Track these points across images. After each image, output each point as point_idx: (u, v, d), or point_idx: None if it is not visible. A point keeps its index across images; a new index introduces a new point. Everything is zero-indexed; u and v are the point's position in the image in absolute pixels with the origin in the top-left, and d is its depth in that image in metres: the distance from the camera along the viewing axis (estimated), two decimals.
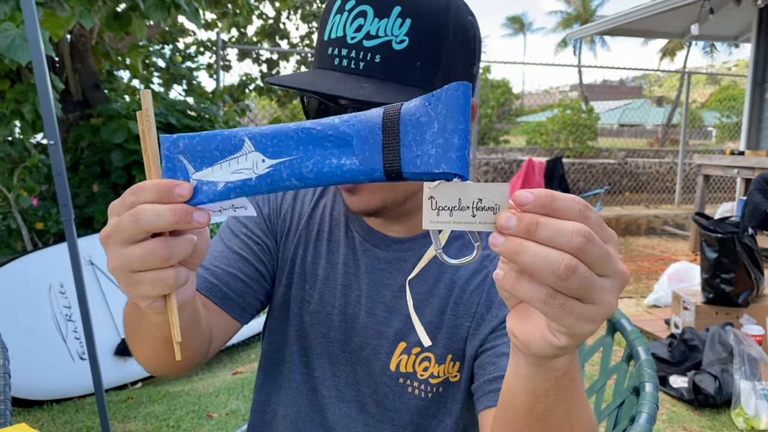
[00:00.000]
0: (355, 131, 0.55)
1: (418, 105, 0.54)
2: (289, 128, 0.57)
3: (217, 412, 3.14)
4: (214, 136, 0.58)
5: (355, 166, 0.55)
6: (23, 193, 3.86)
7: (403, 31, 0.78)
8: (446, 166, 0.51)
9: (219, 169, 0.58)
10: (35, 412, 3.16)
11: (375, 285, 0.97)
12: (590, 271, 0.48)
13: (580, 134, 14.47)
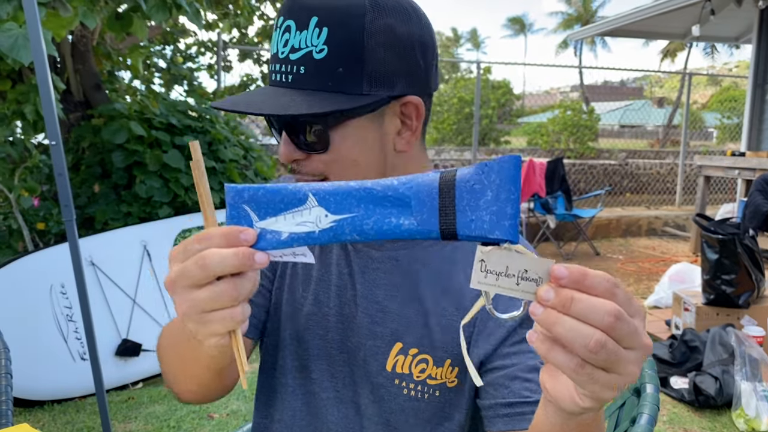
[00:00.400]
0: (413, 193, 0.60)
1: (471, 172, 0.58)
2: (351, 187, 0.62)
3: (218, 412, 3.15)
4: (279, 190, 0.63)
5: (413, 226, 0.60)
6: (24, 194, 3.86)
7: (321, 40, 0.81)
8: (500, 233, 0.56)
9: (283, 220, 0.63)
10: (36, 413, 3.16)
11: (369, 285, 0.97)
12: (618, 346, 0.53)
13: (581, 135, 14.46)
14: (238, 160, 4.61)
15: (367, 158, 0.88)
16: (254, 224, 0.63)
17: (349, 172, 0.87)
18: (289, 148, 0.88)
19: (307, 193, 0.62)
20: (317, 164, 0.88)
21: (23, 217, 3.87)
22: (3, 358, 1.50)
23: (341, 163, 0.87)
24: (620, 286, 0.55)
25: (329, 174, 0.88)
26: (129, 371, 3.49)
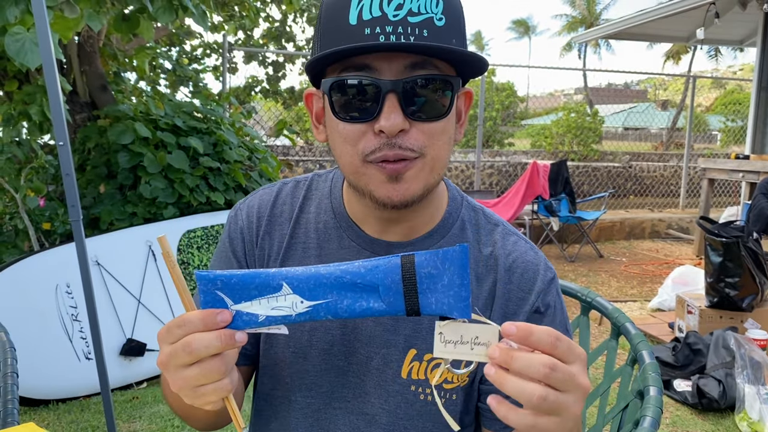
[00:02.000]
0: (380, 280, 0.68)
1: (428, 259, 0.68)
2: (322, 275, 0.69)
3: None
4: (253, 279, 0.69)
5: (382, 308, 0.69)
6: (30, 194, 3.88)
7: (440, 9, 0.82)
8: (457, 313, 0.67)
9: (258, 305, 0.69)
10: (41, 411, 3.18)
11: None
12: (558, 393, 0.63)
13: (585, 137, 14.46)
14: (243, 162, 4.62)
15: (450, 140, 0.89)
16: (229, 307, 0.70)
17: (445, 149, 0.88)
18: (399, 116, 0.82)
19: (281, 282, 0.69)
20: (419, 136, 0.85)
21: (29, 217, 3.89)
22: (9, 357, 1.51)
23: (444, 136, 0.87)
24: (561, 339, 0.64)
25: (428, 150, 0.85)
26: (133, 371, 3.51)
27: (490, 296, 0.96)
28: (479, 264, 0.98)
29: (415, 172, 0.86)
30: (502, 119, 16.90)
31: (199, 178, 4.28)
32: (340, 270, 0.69)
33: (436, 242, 0.98)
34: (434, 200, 0.98)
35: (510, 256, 0.98)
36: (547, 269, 0.99)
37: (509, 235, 1.02)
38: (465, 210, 1.02)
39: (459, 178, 11.76)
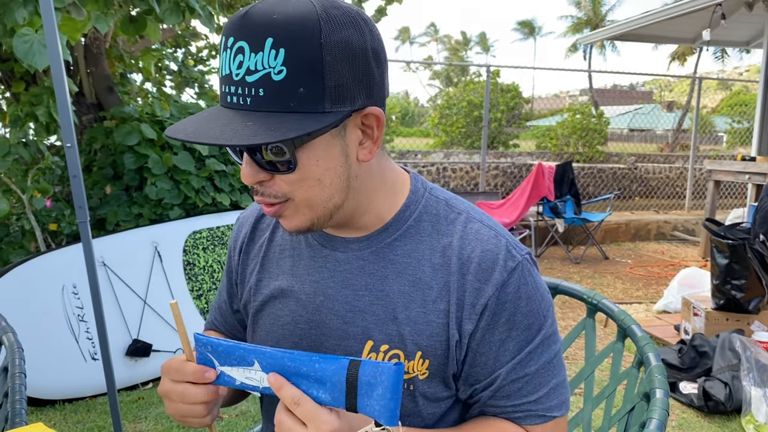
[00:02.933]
0: (328, 378, 0.80)
1: (369, 369, 0.78)
2: (286, 362, 0.82)
3: (227, 413, 3.17)
4: (235, 350, 0.85)
5: (327, 399, 0.81)
6: (37, 195, 3.90)
7: (279, 61, 0.79)
8: (385, 421, 0.78)
9: (236, 371, 0.86)
10: (48, 411, 3.19)
11: (338, 286, 0.99)
12: None
13: (590, 139, 14.43)
14: None
15: (332, 175, 0.88)
16: (216, 367, 0.88)
17: (314, 190, 0.88)
18: (252, 169, 0.86)
19: (254, 360, 0.84)
20: (281, 185, 0.87)
21: (36, 218, 3.91)
22: (18, 358, 1.51)
23: (306, 182, 0.87)
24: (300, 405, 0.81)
25: (293, 194, 0.88)
26: (139, 371, 3.52)
27: (444, 289, 0.94)
28: (435, 254, 0.96)
29: (288, 213, 0.91)
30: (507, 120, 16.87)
31: (205, 179, 4.29)
32: (300, 360, 0.81)
33: (392, 235, 0.98)
34: (375, 202, 0.98)
35: (469, 245, 0.95)
36: (509, 258, 0.94)
37: (471, 223, 0.98)
38: (426, 201, 1.01)
39: (464, 180, 11.76)
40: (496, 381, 0.95)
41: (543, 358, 0.96)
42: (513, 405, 0.96)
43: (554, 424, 0.97)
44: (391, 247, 0.98)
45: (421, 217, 1.00)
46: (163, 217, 4.12)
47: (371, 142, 0.91)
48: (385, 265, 0.97)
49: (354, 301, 0.98)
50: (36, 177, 3.95)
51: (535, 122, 22.65)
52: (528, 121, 21.08)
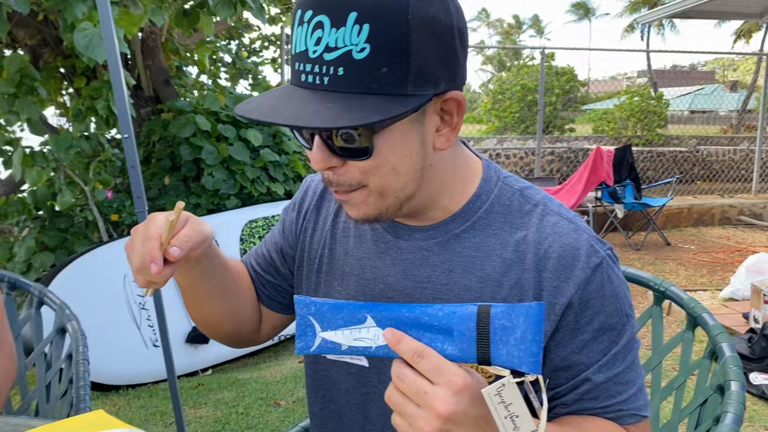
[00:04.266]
0: (455, 326, 0.71)
1: (504, 311, 0.70)
2: (404, 314, 0.73)
3: (285, 399, 3.20)
4: (342, 308, 0.76)
5: (454, 352, 0.71)
6: (99, 186, 4.01)
7: (362, 38, 0.72)
8: (527, 368, 0.69)
9: (341, 335, 0.76)
10: (112, 396, 3.29)
11: (399, 276, 0.94)
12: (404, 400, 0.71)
13: (649, 122, 14.00)
14: (302, 152, 4.66)
15: (407, 163, 0.82)
16: (317, 333, 0.77)
17: (388, 179, 0.82)
18: (324, 154, 0.80)
19: (366, 316, 0.75)
20: (354, 172, 0.81)
21: (98, 209, 4.02)
22: (81, 345, 1.55)
23: (380, 170, 0.81)
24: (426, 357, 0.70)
25: (367, 182, 0.82)
26: (199, 358, 3.59)
27: (516, 286, 0.88)
28: (506, 249, 0.90)
29: (360, 198, 0.85)
30: (562, 104, 16.51)
31: (260, 169, 4.34)
32: (419, 310, 0.73)
33: (460, 226, 0.92)
34: (446, 193, 0.92)
35: (546, 240, 0.88)
36: (591, 253, 0.87)
37: (548, 215, 0.90)
38: (500, 190, 0.94)
39: (518, 166, 11.58)
40: (582, 384, 0.88)
41: (628, 357, 0.90)
42: (603, 407, 0.89)
43: (645, 424, 0.92)
44: (459, 239, 0.92)
45: (493, 207, 0.93)
46: (219, 206, 4.19)
47: (449, 129, 0.84)
48: (451, 257, 0.92)
49: (415, 293, 0.93)
50: (97, 169, 4.06)
51: (591, 106, 22.11)
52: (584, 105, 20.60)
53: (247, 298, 1.08)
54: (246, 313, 1.08)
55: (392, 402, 0.72)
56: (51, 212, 4.10)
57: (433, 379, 0.69)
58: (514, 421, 0.69)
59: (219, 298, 1.01)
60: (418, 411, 0.69)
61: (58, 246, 3.92)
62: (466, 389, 0.69)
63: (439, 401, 0.68)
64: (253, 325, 1.11)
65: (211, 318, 1.04)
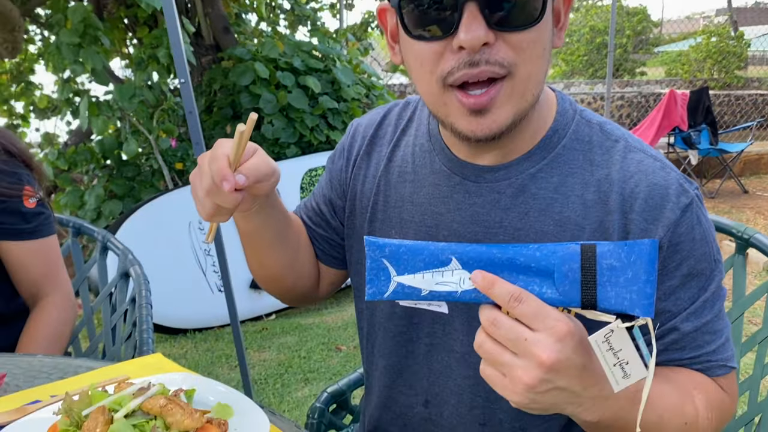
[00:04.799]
0: (556, 267, 0.65)
1: (611, 250, 0.64)
2: (494, 254, 0.66)
3: (346, 345, 3.23)
4: (421, 250, 0.68)
5: (554, 295, 0.65)
6: (162, 135, 4.07)
7: None
8: (640, 311, 0.63)
9: (421, 278, 0.68)
10: (180, 340, 3.40)
11: (466, 222, 0.88)
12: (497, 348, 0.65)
13: (727, 63, 13.22)
14: (361, 99, 4.60)
15: (546, 55, 0.78)
16: (392, 277, 0.70)
17: (537, 63, 0.76)
18: (480, 26, 0.71)
19: (450, 257, 0.67)
20: (507, 51, 0.74)
21: (162, 158, 4.09)
22: (144, 290, 1.56)
23: (535, 49, 0.75)
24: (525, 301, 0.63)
25: (516, 66, 0.75)
26: (262, 303, 3.66)
27: (599, 230, 0.82)
28: (588, 189, 0.83)
29: (502, 98, 0.76)
30: (633, 46, 15.76)
31: (319, 117, 4.31)
32: (513, 250, 0.66)
33: (536, 164, 0.85)
34: (534, 119, 0.84)
35: (632, 178, 0.81)
36: (681, 193, 0.81)
37: (632, 152, 0.84)
38: (577, 125, 0.87)
39: None
40: (669, 334, 0.83)
41: (716, 305, 0.83)
42: (691, 357, 0.83)
43: (732, 376, 0.85)
44: (535, 179, 0.85)
45: (572, 144, 0.86)
46: (280, 155, 4.20)
47: (558, 29, 0.82)
48: (526, 200, 0.85)
49: (484, 240, 0.86)
50: (161, 118, 4.12)
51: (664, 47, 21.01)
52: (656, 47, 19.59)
53: (306, 252, 1.04)
54: (305, 268, 1.04)
55: (484, 350, 0.66)
56: (118, 161, 4.20)
57: (533, 325, 0.63)
58: (624, 368, 0.64)
59: (280, 248, 0.98)
60: (516, 360, 0.64)
61: (126, 194, 4.02)
62: (570, 335, 0.63)
63: (541, 349, 0.62)
64: (312, 281, 1.07)
65: (272, 270, 1.02)
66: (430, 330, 0.92)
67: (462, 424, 0.91)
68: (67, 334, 1.48)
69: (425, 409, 0.95)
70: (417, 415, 0.95)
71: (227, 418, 0.81)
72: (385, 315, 0.97)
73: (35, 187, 1.40)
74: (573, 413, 0.68)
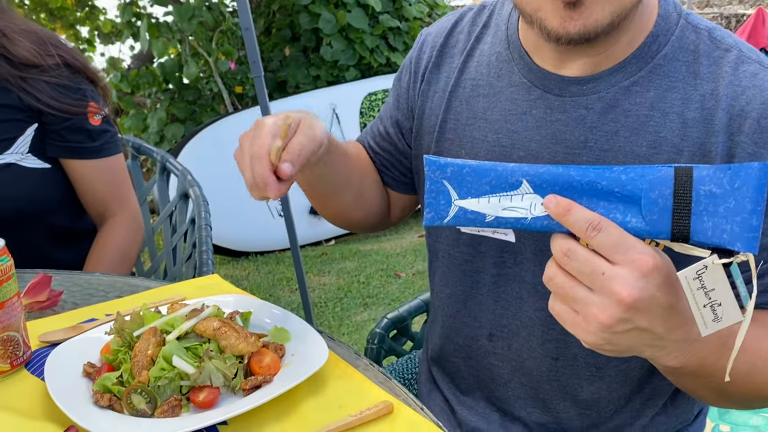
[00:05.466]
0: (644, 192, 0.56)
1: (710, 174, 0.55)
2: (572, 177, 0.58)
3: (405, 271, 3.22)
4: (488, 171, 0.61)
5: (640, 225, 0.57)
6: (222, 58, 4.03)
7: None
8: (741, 245, 0.54)
9: (487, 203, 0.61)
10: (242, 262, 3.46)
11: (546, 141, 0.78)
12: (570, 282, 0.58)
13: None
14: (423, 18, 4.42)
15: None
16: (453, 201, 0.62)
17: None
18: None
19: (520, 179, 0.60)
20: None
21: (222, 81, 4.07)
22: (203, 211, 1.55)
23: None
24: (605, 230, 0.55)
25: None
26: (322, 229, 3.67)
27: (699, 153, 0.72)
28: (690, 106, 0.72)
29: None
30: None
31: (379, 37, 4.17)
32: (595, 173, 0.58)
33: (630, 76, 0.75)
34: (633, 22, 0.73)
35: (743, 94, 0.70)
36: None
37: (746, 64, 0.72)
38: (681, 31, 0.75)
39: None
40: None
41: None
42: None
43: None
44: (628, 93, 0.75)
45: (674, 53, 0.75)
46: (339, 79, 4.11)
47: None
48: (616, 117, 0.75)
49: (565, 162, 0.77)
50: (220, 41, 4.07)
51: None
52: None
53: (371, 184, 0.99)
54: (373, 199, 0.99)
55: (554, 284, 0.59)
56: (179, 84, 4.20)
57: (613, 258, 0.56)
58: (715, 310, 0.56)
59: (343, 191, 0.93)
60: (591, 296, 0.57)
61: (187, 118, 4.03)
62: (656, 270, 0.55)
63: (621, 284, 0.55)
64: (382, 209, 1.02)
65: (338, 210, 0.98)
66: (498, 259, 0.85)
67: (532, 358, 0.85)
68: (133, 255, 1.49)
69: (489, 342, 0.89)
70: (480, 349, 0.89)
71: (284, 342, 0.77)
72: (450, 242, 0.90)
73: (100, 103, 1.37)
74: (653, 357, 0.61)
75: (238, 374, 0.69)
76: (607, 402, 0.85)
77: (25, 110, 1.26)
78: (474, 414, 0.92)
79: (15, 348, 0.74)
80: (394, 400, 0.69)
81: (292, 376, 0.69)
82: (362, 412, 0.66)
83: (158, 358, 0.67)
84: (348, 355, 0.79)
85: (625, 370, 0.83)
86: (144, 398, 0.65)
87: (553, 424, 0.88)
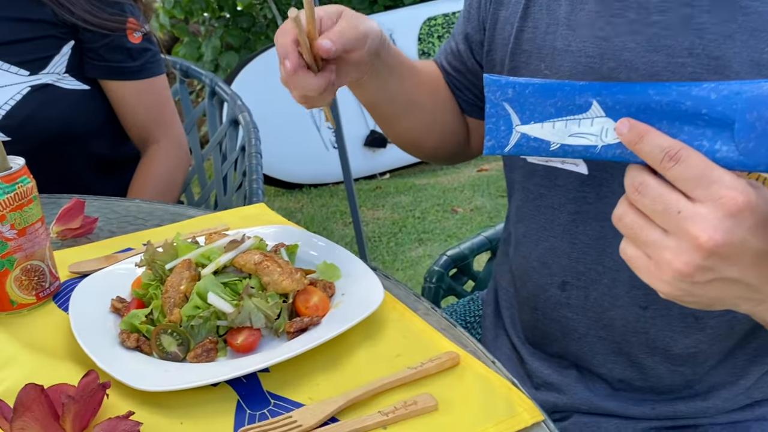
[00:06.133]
0: (738, 113, 0.47)
1: None
2: (651, 97, 0.50)
3: (462, 207, 3.11)
4: (553, 91, 0.54)
5: (733, 155, 0.48)
6: None
7: None
8: None
9: (551, 128, 0.54)
10: (296, 194, 3.41)
11: (641, 49, 0.65)
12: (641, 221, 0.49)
13: None
14: None
15: None
16: (514, 127, 0.56)
17: None
18: None
19: (590, 100, 0.52)
20: None
21: (276, 7, 3.93)
22: (253, 138, 1.47)
23: None
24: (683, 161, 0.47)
25: None
26: (377, 162, 3.57)
27: None
28: None
29: None
30: None
31: None
32: (678, 91, 0.49)
33: None
34: None
35: None
36: None
37: None
38: None
39: None
40: None
41: None
42: None
43: None
44: None
45: None
46: (397, 3, 3.93)
47: None
48: (732, 16, 0.61)
49: (665, 73, 0.64)
50: None
51: None
52: None
53: (445, 107, 0.89)
54: (447, 125, 0.90)
55: (624, 224, 0.51)
56: (233, 11, 4.09)
57: (693, 194, 0.47)
58: None
59: (411, 112, 0.84)
60: (664, 239, 0.48)
61: (242, 45, 3.94)
62: (748, 210, 0.45)
63: (700, 226, 0.45)
64: (460, 137, 0.92)
65: (409, 136, 0.89)
66: (578, 194, 0.73)
67: (616, 307, 0.74)
68: (178, 183, 1.42)
69: (561, 292, 0.77)
70: (550, 299, 0.78)
71: (334, 280, 0.68)
72: (525, 172, 0.79)
73: (140, 19, 1.28)
74: (751, 312, 0.52)
75: (281, 315, 0.61)
76: (705, 357, 0.74)
77: (60, 26, 1.18)
78: (547, 366, 0.82)
79: (40, 279, 0.68)
80: (460, 351, 0.60)
81: (343, 319, 0.61)
82: (423, 363, 0.57)
83: (192, 295, 0.60)
84: (406, 297, 0.70)
85: (730, 321, 0.71)
86: (175, 340, 0.57)
87: (639, 381, 0.77)
